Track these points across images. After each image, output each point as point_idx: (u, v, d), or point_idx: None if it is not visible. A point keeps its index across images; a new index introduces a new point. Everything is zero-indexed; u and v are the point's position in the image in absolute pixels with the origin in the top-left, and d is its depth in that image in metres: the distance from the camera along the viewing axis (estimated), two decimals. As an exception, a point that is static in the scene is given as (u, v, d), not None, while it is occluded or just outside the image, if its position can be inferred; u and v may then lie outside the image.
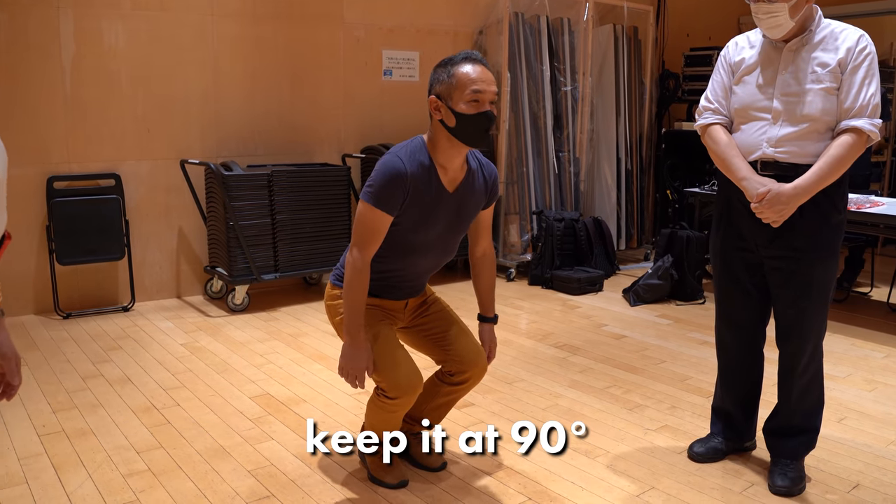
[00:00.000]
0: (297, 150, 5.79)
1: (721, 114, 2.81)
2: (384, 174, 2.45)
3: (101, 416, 3.40)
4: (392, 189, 2.44)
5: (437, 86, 2.48)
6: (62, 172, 4.93)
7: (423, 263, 2.70)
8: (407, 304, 2.78)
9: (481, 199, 2.71)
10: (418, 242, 2.59)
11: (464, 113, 2.42)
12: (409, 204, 2.49)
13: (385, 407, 2.65)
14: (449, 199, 2.58)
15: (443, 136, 2.50)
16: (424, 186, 2.51)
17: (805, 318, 2.73)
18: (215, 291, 5.42)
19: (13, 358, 1.66)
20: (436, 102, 2.47)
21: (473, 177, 2.64)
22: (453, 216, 2.62)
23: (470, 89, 2.41)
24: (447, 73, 2.44)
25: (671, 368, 4.14)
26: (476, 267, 2.88)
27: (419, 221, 2.54)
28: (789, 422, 2.88)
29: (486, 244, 2.85)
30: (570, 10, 6.54)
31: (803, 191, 2.57)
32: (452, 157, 2.53)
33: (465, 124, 2.44)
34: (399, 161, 2.47)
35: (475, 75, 2.42)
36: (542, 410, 3.54)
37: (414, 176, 2.47)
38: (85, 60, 4.92)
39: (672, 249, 5.67)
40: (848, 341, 4.66)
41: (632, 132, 7.05)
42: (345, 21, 5.88)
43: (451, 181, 2.58)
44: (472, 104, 2.42)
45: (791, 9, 2.57)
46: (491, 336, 2.89)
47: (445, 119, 2.46)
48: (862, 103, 2.56)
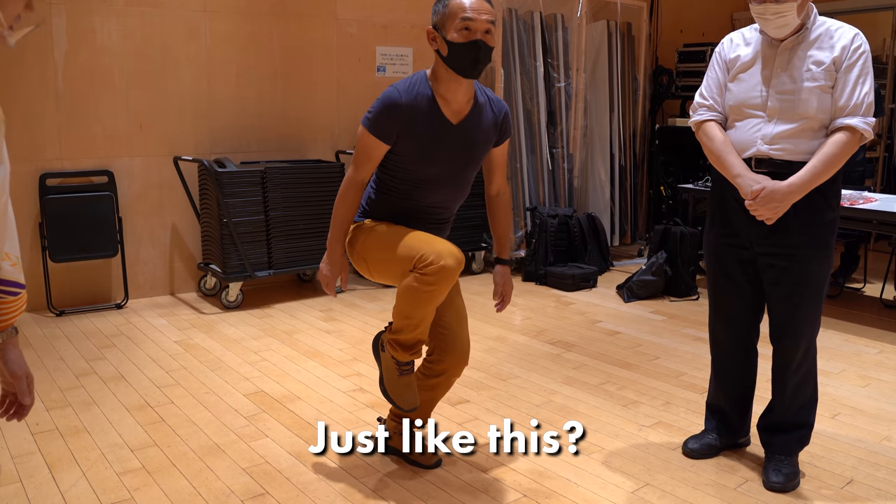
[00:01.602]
0: (291, 146, 5.78)
1: (715, 110, 2.81)
2: (381, 102, 2.52)
3: (94, 414, 3.39)
4: (386, 117, 2.51)
5: (434, 17, 2.51)
6: (55, 169, 4.91)
7: (437, 196, 2.69)
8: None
9: (492, 134, 2.71)
10: (426, 175, 2.62)
11: (454, 41, 2.45)
12: (405, 134, 2.54)
13: (422, 286, 2.45)
14: (453, 132, 2.59)
15: (441, 67, 2.53)
16: (423, 118, 2.54)
17: (799, 314, 2.73)
18: (209, 288, 5.41)
19: (24, 377, 1.61)
20: (432, 33, 2.51)
21: (481, 110, 2.65)
22: (459, 149, 2.63)
23: (460, 17, 2.44)
24: (443, 4, 2.48)
25: (665, 364, 4.15)
26: (491, 206, 2.90)
27: (422, 153, 2.57)
28: (783, 418, 2.89)
29: (500, 182, 2.87)
30: (564, 7, 6.54)
31: (797, 188, 2.57)
32: (454, 89, 2.55)
33: (456, 53, 2.46)
34: (396, 92, 2.52)
35: (468, 4, 2.44)
36: (536, 407, 3.54)
37: (410, 106, 2.51)
38: (78, 57, 4.90)
39: (666, 246, 5.67)
40: (841, 337, 4.68)
41: (625, 128, 7.05)
42: (338, 17, 5.86)
43: (455, 113, 2.59)
44: (462, 32, 2.44)
45: (798, 7, 2.57)
46: (505, 279, 2.89)
47: (440, 49, 2.50)
48: (856, 102, 2.57)
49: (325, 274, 2.78)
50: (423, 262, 2.45)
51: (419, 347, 2.68)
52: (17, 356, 1.59)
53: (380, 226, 2.68)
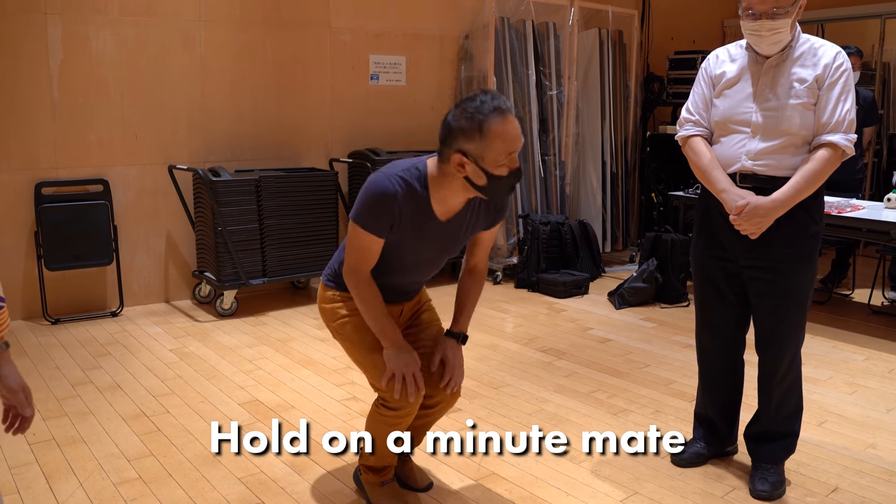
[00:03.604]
0: (285, 154, 5.82)
1: (701, 125, 2.87)
2: (374, 196, 2.34)
3: (91, 424, 3.43)
4: (380, 213, 2.34)
5: (462, 141, 2.23)
6: (50, 178, 4.94)
7: (417, 276, 2.64)
8: (402, 310, 2.70)
9: (481, 223, 2.57)
10: (408, 262, 2.53)
11: (498, 175, 2.26)
12: (397, 228, 2.38)
13: (386, 420, 2.57)
14: (441, 228, 2.46)
15: (458, 185, 2.33)
16: (415, 215, 2.38)
17: (784, 326, 2.79)
18: (203, 296, 5.45)
19: (21, 390, 1.63)
20: (461, 160, 2.25)
21: (472, 207, 2.49)
22: (444, 242, 2.52)
23: (507, 152, 2.23)
24: (477, 130, 2.21)
25: (655, 372, 4.20)
26: (464, 277, 2.71)
27: (407, 247, 2.45)
28: (769, 427, 2.94)
29: (480, 258, 2.70)
30: (556, 15, 6.59)
31: (780, 204, 2.63)
32: (460, 200, 2.41)
33: (497, 185, 2.28)
34: (390, 185, 2.33)
35: (511, 135, 2.23)
36: (527, 415, 3.59)
37: (406, 207, 2.35)
38: (73, 66, 4.93)
39: (656, 253, 5.73)
40: (829, 344, 4.73)
41: (617, 135, 7.11)
42: (331, 26, 5.91)
43: (447, 212, 2.44)
44: (506, 166, 2.25)
45: (791, 23, 2.63)
46: (455, 355, 2.59)
47: (473, 177, 2.28)
48: (838, 119, 2.63)
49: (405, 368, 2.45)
50: (383, 401, 2.54)
51: (389, 471, 2.77)
52: (10, 371, 1.62)
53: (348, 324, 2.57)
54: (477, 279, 2.71)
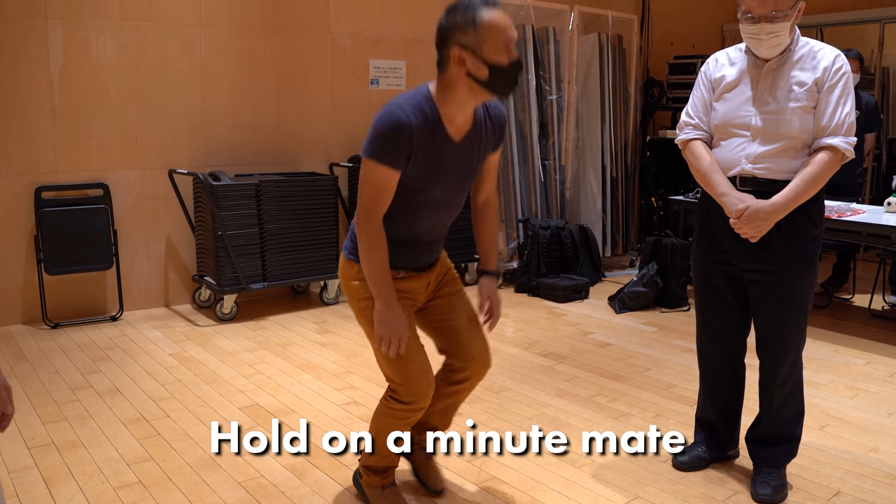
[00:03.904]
0: (285, 159, 5.82)
1: (701, 129, 2.87)
2: (387, 127, 2.28)
3: (91, 428, 3.42)
4: (395, 143, 2.29)
5: (459, 35, 2.25)
6: (50, 182, 4.95)
7: (435, 218, 2.55)
8: (429, 282, 2.64)
9: (489, 143, 2.55)
10: (428, 198, 2.45)
11: (499, 64, 2.25)
12: (415, 159, 2.33)
13: (395, 413, 2.57)
14: (456, 150, 2.42)
15: (463, 89, 2.31)
16: (429, 137, 2.34)
17: (784, 329, 2.79)
18: (203, 300, 5.44)
19: (2, 388, 1.64)
20: (461, 54, 2.25)
21: (480, 124, 2.48)
22: (461, 167, 2.48)
23: (504, 38, 2.25)
24: (470, 22, 2.23)
25: (656, 376, 4.20)
26: (478, 215, 2.72)
27: (427, 176, 2.39)
28: (771, 431, 2.93)
29: (489, 191, 2.70)
30: (556, 20, 6.60)
31: (781, 207, 2.63)
32: (466, 108, 2.38)
33: (499, 75, 2.27)
34: (402, 112, 2.28)
35: (504, 21, 2.25)
36: (528, 420, 3.58)
37: (419, 129, 2.30)
38: (73, 71, 4.94)
39: (657, 257, 5.73)
40: (830, 348, 4.73)
41: (617, 140, 7.11)
42: (331, 31, 5.91)
43: (458, 131, 2.41)
44: (505, 53, 2.26)
45: (790, 27, 2.63)
46: (492, 291, 2.68)
47: (474, 71, 2.26)
48: (837, 122, 2.63)
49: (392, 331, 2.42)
50: (396, 394, 2.55)
51: (391, 473, 2.78)
52: None
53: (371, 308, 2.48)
54: (491, 213, 2.73)
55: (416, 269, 2.59)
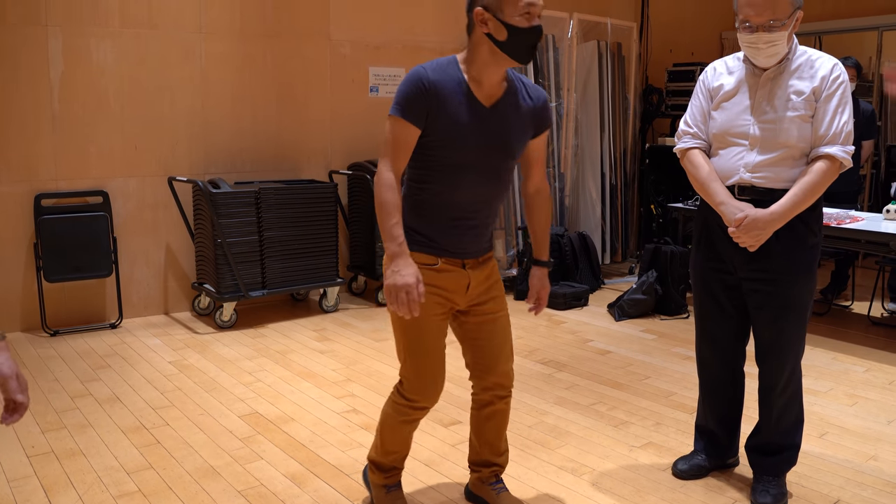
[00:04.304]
0: (285, 166, 5.83)
1: (700, 138, 2.88)
2: (407, 83, 2.37)
3: (90, 437, 3.42)
4: (414, 97, 2.35)
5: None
6: (50, 190, 4.95)
7: (474, 192, 2.49)
8: (469, 283, 2.56)
9: (528, 123, 2.54)
10: (461, 161, 2.44)
11: (518, 26, 2.31)
12: (436, 114, 2.38)
13: (398, 408, 2.58)
14: (486, 115, 2.44)
15: (485, 50, 2.38)
16: (454, 98, 2.39)
17: (783, 338, 2.79)
18: (203, 308, 5.44)
19: (14, 377, 1.65)
20: (483, 14, 2.33)
21: (516, 94, 2.51)
22: (494, 135, 2.46)
23: (524, 1, 2.31)
24: None
25: (656, 384, 4.20)
26: (530, 204, 2.73)
27: (455, 136, 2.41)
28: (770, 439, 2.93)
29: (538, 178, 2.70)
30: (555, 27, 6.62)
31: (779, 216, 2.64)
32: (491, 72, 2.41)
33: (517, 38, 2.33)
34: (422, 69, 2.38)
35: None
36: (528, 428, 3.58)
37: (440, 84, 2.37)
38: (73, 78, 4.95)
39: (656, 264, 5.73)
40: (829, 355, 4.73)
41: (616, 147, 7.12)
42: (331, 38, 5.93)
43: (488, 97, 2.45)
44: (525, 16, 2.32)
45: (788, 36, 2.64)
46: (543, 282, 2.69)
47: (494, 32, 2.34)
48: (835, 131, 2.64)
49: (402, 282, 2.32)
50: (403, 387, 2.59)
51: (395, 474, 2.80)
52: (4, 359, 1.64)
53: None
54: (543, 201, 2.72)
55: (456, 254, 2.53)
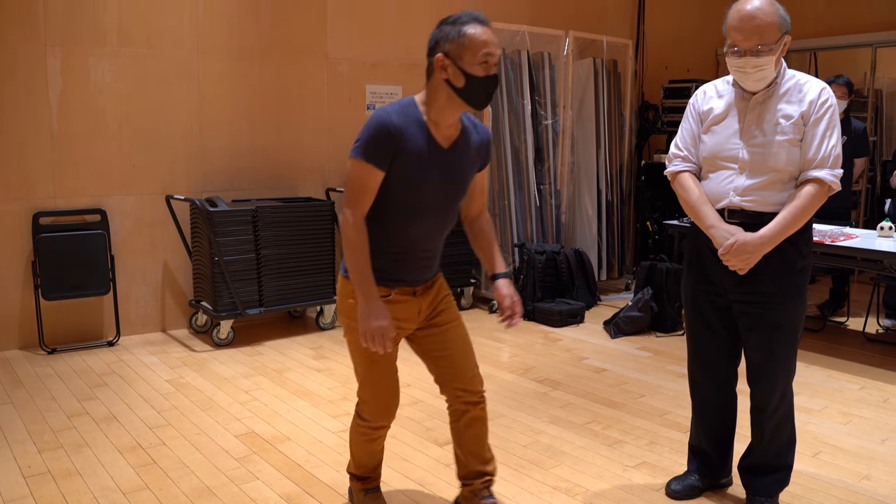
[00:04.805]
0: (282, 184, 5.86)
1: (690, 161, 2.91)
2: (372, 127, 2.41)
3: (87, 457, 3.43)
4: (380, 142, 2.41)
5: (445, 44, 2.41)
6: (48, 208, 4.98)
7: (425, 228, 2.59)
8: (420, 308, 2.67)
9: (476, 159, 2.66)
10: (416, 202, 2.53)
11: (475, 75, 2.40)
12: (399, 158, 2.44)
13: (359, 429, 2.73)
14: (443, 155, 2.53)
15: (443, 95, 2.45)
16: (415, 140, 2.46)
17: (773, 360, 2.81)
18: (200, 325, 5.46)
19: None
20: (443, 61, 2.41)
21: (468, 135, 2.61)
22: (449, 175, 2.56)
23: (482, 52, 2.39)
24: (457, 33, 2.40)
25: (650, 403, 4.21)
26: (473, 228, 2.81)
27: (413, 178, 2.48)
28: (763, 460, 2.95)
29: (480, 204, 2.81)
30: (551, 45, 6.66)
31: (768, 240, 2.66)
32: (448, 115, 2.50)
33: (474, 86, 2.41)
34: (386, 114, 2.43)
35: (486, 38, 2.40)
36: (522, 447, 3.60)
37: (404, 128, 2.43)
38: (72, 97, 4.98)
39: (652, 282, 5.76)
40: (824, 373, 4.74)
41: (612, 164, 7.16)
42: (328, 56, 5.97)
43: (445, 138, 2.54)
44: (482, 66, 2.40)
45: (776, 60, 2.67)
46: (510, 290, 2.70)
47: (453, 79, 2.42)
48: (824, 154, 2.67)
49: (374, 325, 2.45)
50: (361, 410, 2.73)
51: (372, 480, 2.93)
52: None
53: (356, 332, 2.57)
54: (486, 222, 2.82)
55: (407, 283, 2.61)
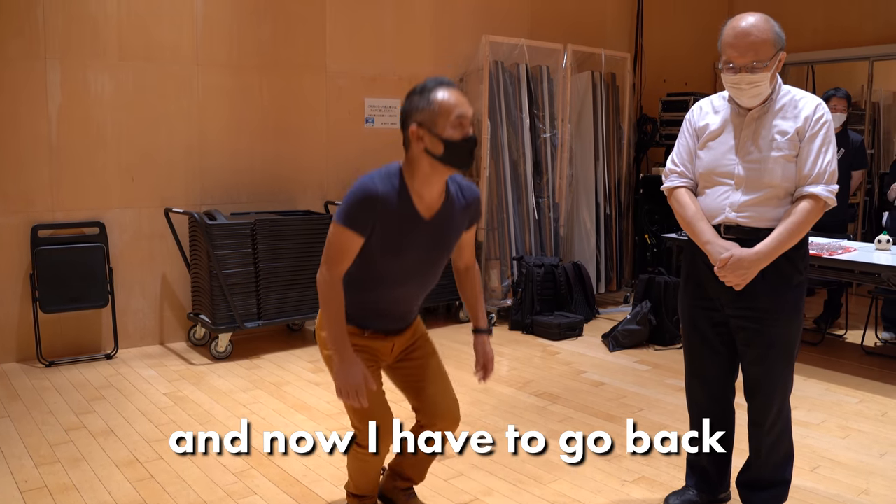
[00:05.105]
0: (281, 197, 5.87)
1: (686, 177, 2.92)
2: (355, 194, 2.45)
3: (84, 471, 3.42)
4: (361, 209, 2.44)
5: (416, 114, 2.44)
6: (47, 221, 4.98)
7: (405, 291, 2.65)
8: (394, 346, 2.73)
9: (463, 223, 2.68)
10: (395, 269, 2.56)
11: (452, 139, 2.41)
12: (380, 227, 2.47)
13: (359, 456, 2.70)
14: (425, 227, 2.55)
15: (425, 164, 2.47)
16: (397, 211, 2.48)
17: (770, 375, 2.81)
18: (198, 338, 5.46)
19: None
20: (418, 132, 2.44)
21: (452, 203, 2.62)
22: (431, 244, 2.59)
23: (455, 115, 2.41)
24: (426, 101, 2.42)
25: (649, 417, 4.20)
26: (461, 279, 2.86)
27: (393, 248, 2.52)
28: (760, 475, 2.95)
29: (468, 259, 2.83)
30: (549, 59, 6.69)
31: (764, 256, 2.67)
32: (432, 184, 2.51)
33: (454, 150, 2.43)
34: (371, 182, 2.46)
35: (456, 100, 2.43)
36: (521, 462, 3.59)
37: (387, 199, 2.45)
38: (71, 110, 5.00)
39: (650, 295, 5.76)
40: (823, 386, 4.74)
41: (610, 177, 7.17)
42: (328, 70, 5.99)
43: (428, 208, 2.55)
44: (458, 129, 2.42)
45: (771, 77, 2.69)
46: (485, 348, 2.79)
47: (431, 147, 2.43)
48: (819, 171, 2.68)
49: (350, 383, 2.50)
50: (358, 439, 2.68)
51: (369, 499, 2.91)
52: None
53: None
54: (473, 275, 2.87)
55: (382, 332, 2.70)
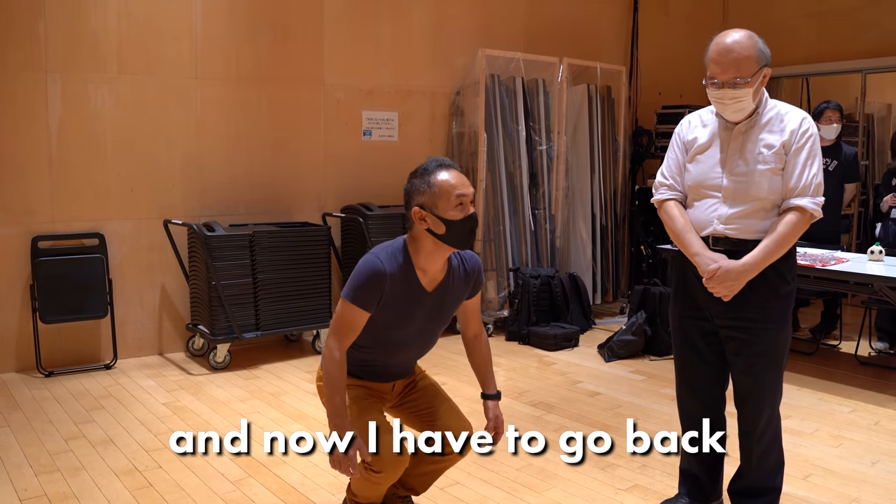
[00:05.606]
0: (279, 209, 5.91)
1: (676, 189, 2.98)
2: (363, 273, 2.54)
3: (83, 480, 3.45)
4: (369, 287, 2.53)
5: (417, 197, 2.55)
6: (47, 232, 5.03)
7: (405, 354, 2.80)
8: (394, 385, 2.85)
9: (464, 292, 2.79)
10: (398, 337, 2.69)
11: (453, 219, 2.52)
12: (385, 302, 2.58)
13: (370, 478, 2.69)
14: (427, 299, 2.66)
15: (428, 242, 2.57)
16: (402, 287, 2.59)
17: (760, 384, 2.85)
18: (197, 348, 5.49)
19: None
20: (420, 213, 2.54)
21: (454, 275, 2.72)
22: (433, 314, 2.71)
23: (455, 195, 2.52)
24: (426, 184, 2.53)
25: (643, 426, 4.24)
26: (470, 347, 2.94)
27: (397, 319, 2.63)
28: (751, 483, 2.99)
29: (476, 326, 2.92)
30: (545, 72, 6.75)
31: (751, 267, 2.72)
32: (435, 260, 2.62)
33: (455, 230, 2.53)
34: (378, 261, 2.56)
35: (455, 181, 2.53)
36: (516, 471, 3.63)
37: (393, 277, 2.56)
38: (71, 123, 5.05)
39: (645, 306, 5.81)
40: (815, 395, 4.78)
41: (606, 188, 7.22)
42: (325, 83, 6.05)
43: (431, 282, 2.66)
44: (458, 209, 2.52)
45: (754, 92, 2.74)
46: (496, 413, 2.88)
47: (433, 227, 2.54)
48: (805, 183, 2.74)
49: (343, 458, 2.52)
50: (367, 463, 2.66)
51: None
52: None
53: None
54: (483, 344, 2.95)
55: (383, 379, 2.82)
